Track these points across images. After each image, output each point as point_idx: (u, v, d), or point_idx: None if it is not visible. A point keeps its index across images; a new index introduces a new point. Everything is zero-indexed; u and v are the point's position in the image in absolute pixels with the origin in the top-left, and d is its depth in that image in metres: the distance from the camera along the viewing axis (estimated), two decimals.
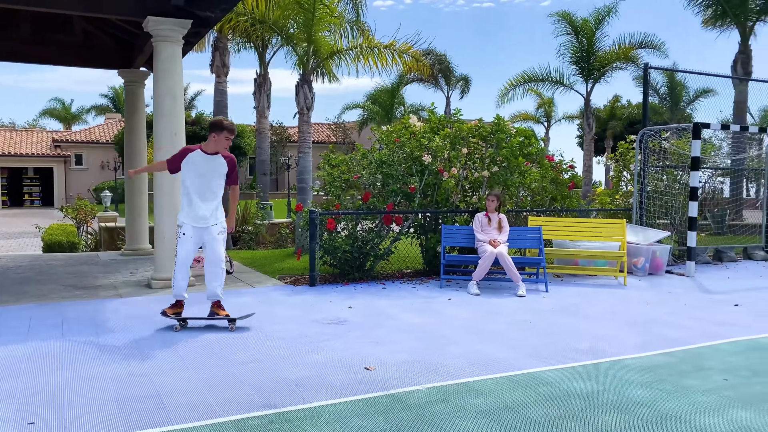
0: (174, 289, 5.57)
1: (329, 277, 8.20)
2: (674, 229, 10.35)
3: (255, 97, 15.02)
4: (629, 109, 40.01)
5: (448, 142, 8.52)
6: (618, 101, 40.13)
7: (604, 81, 21.22)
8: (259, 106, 14.95)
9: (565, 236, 8.87)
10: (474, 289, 7.40)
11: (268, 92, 14.96)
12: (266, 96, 14.83)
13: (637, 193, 10.08)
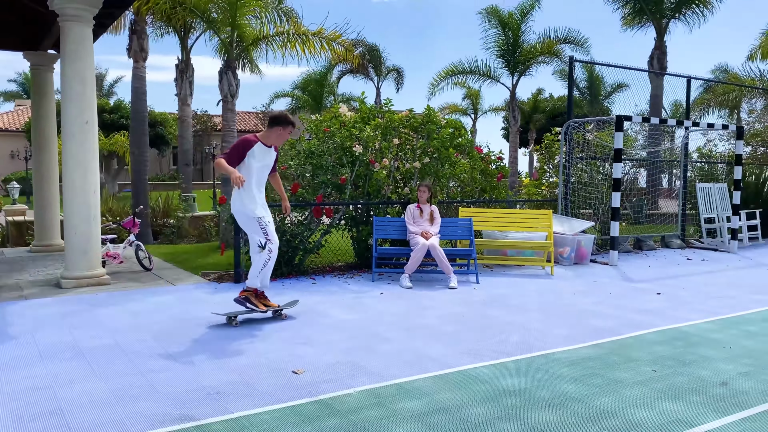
0: (266, 281, 5.51)
1: None
2: (597, 219, 10.60)
3: (177, 84, 14.29)
4: (552, 102, 41.14)
5: (379, 132, 8.32)
6: (540, 94, 41.19)
7: (529, 74, 21.68)
8: (181, 93, 14.24)
9: (494, 227, 8.88)
10: (406, 282, 7.27)
11: (191, 79, 14.27)
12: (189, 83, 14.15)
13: (562, 184, 10.24)
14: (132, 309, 6.00)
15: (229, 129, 10.06)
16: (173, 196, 13.04)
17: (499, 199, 9.39)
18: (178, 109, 14.51)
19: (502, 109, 35.32)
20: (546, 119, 38.60)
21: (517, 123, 21.58)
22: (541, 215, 8.99)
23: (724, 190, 12.22)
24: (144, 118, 10.86)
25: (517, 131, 21.58)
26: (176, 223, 11.92)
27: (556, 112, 41.45)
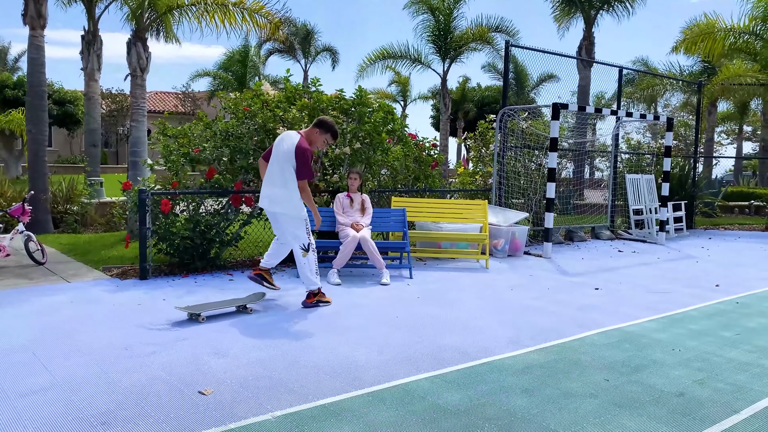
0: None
1: (165, 267, 7.05)
2: (531, 210, 10.38)
3: (83, 57, 12.93)
4: (479, 92, 41.46)
5: (306, 114, 7.65)
6: (468, 82, 41.42)
7: (460, 61, 21.41)
8: (87, 67, 12.91)
9: (428, 218, 8.43)
10: (334, 278, 6.68)
11: (99, 52, 12.97)
12: (96, 56, 12.85)
13: (497, 174, 9.93)
14: (11, 312, 5.12)
15: (138, 107, 9.07)
16: (79, 180, 11.83)
17: (434, 188, 8.95)
18: (85, 85, 13.16)
19: (431, 97, 35.16)
20: (475, 108, 38.82)
21: (447, 110, 21.31)
22: (476, 206, 8.62)
23: (651, 181, 12.33)
24: (42, 93, 9.67)
25: (448, 119, 21.31)
26: (79, 210, 10.79)
27: (484, 101, 41.91)
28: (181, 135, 7.15)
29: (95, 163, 13.16)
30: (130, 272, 6.84)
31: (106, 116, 29.72)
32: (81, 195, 11.28)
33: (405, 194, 8.90)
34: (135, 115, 9.05)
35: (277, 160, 5.22)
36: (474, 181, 10.25)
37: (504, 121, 9.94)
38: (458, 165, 10.22)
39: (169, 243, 6.74)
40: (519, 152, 10.34)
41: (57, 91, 25.65)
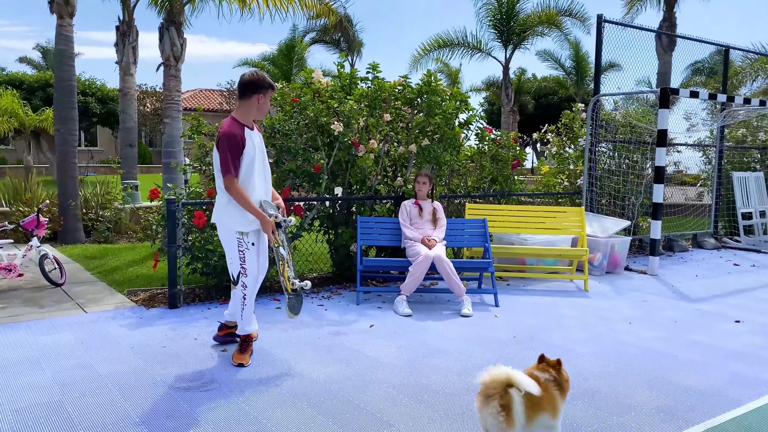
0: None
1: (200, 291, 5.99)
2: (628, 216, 8.94)
3: (117, 50, 12.12)
4: (536, 83, 39.68)
5: (365, 105, 6.46)
6: (523, 74, 39.66)
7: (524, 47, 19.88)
8: (122, 61, 12.09)
9: (509, 228, 7.15)
10: (404, 308, 5.48)
11: (134, 44, 12.11)
12: (131, 48, 12.00)
13: (587, 173, 8.54)
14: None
15: (172, 101, 8.10)
16: (115, 182, 11.01)
17: (514, 193, 7.64)
18: (120, 80, 12.34)
19: (485, 89, 33.56)
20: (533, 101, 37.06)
21: (510, 102, 19.83)
22: (569, 213, 7.28)
23: (761, 180, 10.67)
24: (71, 89, 8.82)
25: (511, 112, 19.82)
26: (113, 217, 9.93)
27: (541, 93, 40.09)
28: None
29: (131, 165, 12.35)
30: (158, 297, 5.81)
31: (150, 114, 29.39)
32: (115, 200, 10.43)
33: (480, 200, 7.63)
34: (168, 110, 8.08)
35: (215, 161, 4.05)
36: (560, 183, 8.87)
37: (596, 110, 8.53)
38: (540, 164, 8.88)
39: (204, 262, 5.67)
40: (613, 147, 8.92)
41: (99, 89, 25.31)
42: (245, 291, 4.10)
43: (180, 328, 4.90)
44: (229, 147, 3.85)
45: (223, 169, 3.88)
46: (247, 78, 3.96)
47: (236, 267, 4.08)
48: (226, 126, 3.91)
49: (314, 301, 5.86)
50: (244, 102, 3.98)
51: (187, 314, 5.32)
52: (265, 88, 3.98)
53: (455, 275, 5.63)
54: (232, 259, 4.07)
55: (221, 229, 4.08)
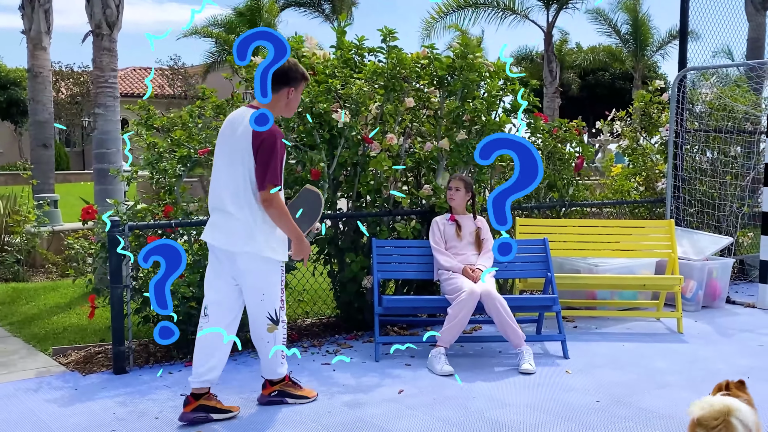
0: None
1: (156, 348, 5.76)
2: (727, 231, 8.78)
3: (23, 14, 11.80)
4: (580, 54, 39.85)
5: (378, 87, 6.30)
6: (565, 43, 39.84)
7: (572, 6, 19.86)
8: (31, 29, 11.81)
9: (573, 251, 6.99)
10: (443, 365, 5.28)
11: (47, 5, 11.84)
12: (43, 13, 11.74)
13: (672, 174, 8.38)
14: None
15: (106, 84, 7.81)
16: (25, 196, 10.76)
17: (583, 202, 7.49)
18: (28, 56, 12.06)
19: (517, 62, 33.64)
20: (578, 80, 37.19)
21: (555, 80, 19.80)
22: (655, 229, 7.13)
23: None
24: None
25: (556, 92, 19.77)
26: (23, 245, 9.68)
27: (588, 68, 40.25)
28: (177, 126, 5.86)
29: (46, 173, 12.10)
30: (98, 358, 5.58)
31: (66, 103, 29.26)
32: (26, 221, 10.19)
33: (533, 212, 7.47)
34: (101, 96, 7.84)
35: (225, 159, 4.30)
36: (635, 188, 8.73)
37: (683, 90, 8.39)
38: (609, 160, 8.74)
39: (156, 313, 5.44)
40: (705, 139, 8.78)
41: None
42: (285, 326, 4.59)
43: (133, 402, 4.66)
44: (280, 150, 4.15)
45: (266, 177, 4.10)
46: (291, 65, 4.28)
47: (274, 303, 4.40)
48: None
49: (316, 359, 5.64)
50: (282, 92, 4.30)
51: (141, 381, 5.08)
52: (296, 81, 4.31)
53: (512, 319, 5.42)
54: (269, 295, 4.37)
55: (251, 258, 4.25)
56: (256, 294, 4.36)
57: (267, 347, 4.51)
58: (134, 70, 39.29)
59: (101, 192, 7.85)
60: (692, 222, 8.72)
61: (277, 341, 4.50)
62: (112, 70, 7.98)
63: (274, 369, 4.59)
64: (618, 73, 39.92)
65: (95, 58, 7.99)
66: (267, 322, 4.42)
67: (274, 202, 4.13)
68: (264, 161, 4.10)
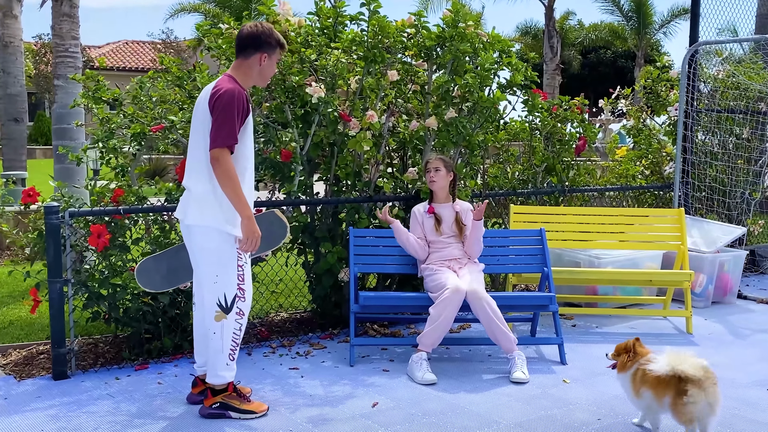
0: None
1: (105, 347, 5.17)
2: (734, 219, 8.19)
3: None
4: (582, 32, 39.07)
5: (356, 56, 5.66)
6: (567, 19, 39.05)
7: None
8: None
9: (573, 242, 6.39)
10: (424, 372, 4.70)
11: None
12: None
13: (680, 157, 7.76)
14: None
15: (67, 53, 7.13)
16: None
17: (585, 187, 6.88)
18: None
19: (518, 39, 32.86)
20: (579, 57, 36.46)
21: (556, 56, 19.12)
22: (663, 218, 6.53)
23: None
24: None
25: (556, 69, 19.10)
26: None
27: (590, 46, 39.49)
28: (128, 100, 5.22)
29: (16, 149, 11.49)
30: (41, 359, 5.00)
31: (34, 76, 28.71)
32: None
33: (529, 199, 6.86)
34: (61, 67, 7.20)
35: (194, 131, 4.02)
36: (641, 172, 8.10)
37: (694, 66, 7.74)
38: (613, 141, 8.10)
39: (111, 305, 4.86)
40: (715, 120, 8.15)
41: None
42: (241, 321, 4.04)
43: (67, 416, 4.07)
44: (236, 107, 3.79)
45: (218, 135, 3.76)
46: (247, 31, 3.99)
47: (231, 287, 3.96)
48: (227, 83, 3.86)
49: (284, 361, 5.04)
50: (242, 61, 4.01)
51: (82, 389, 4.48)
52: (270, 46, 4.01)
53: (502, 322, 4.83)
54: (223, 277, 3.94)
55: (204, 232, 3.93)
56: (209, 274, 3.96)
57: (212, 339, 4.01)
58: (126, 43, 38.53)
59: (61, 171, 7.25)
60: (701, 209, 8.13)
61: (224, 336, 4.00)
62: (73, 38, 7.34)
63: (216, 371, 4.05)
64: (620, 52, 39.25)
65: (54, 24, 7.34)
66: (215, 309, 3.95)
67: (221, 161, 3.76)
68: (218, 119, 3.78)
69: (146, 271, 4.34)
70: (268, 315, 6.16)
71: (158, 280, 4.39)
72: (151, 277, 4.36)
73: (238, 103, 3.80)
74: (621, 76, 37.52)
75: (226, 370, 4.05)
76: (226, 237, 3.91)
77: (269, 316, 6.13)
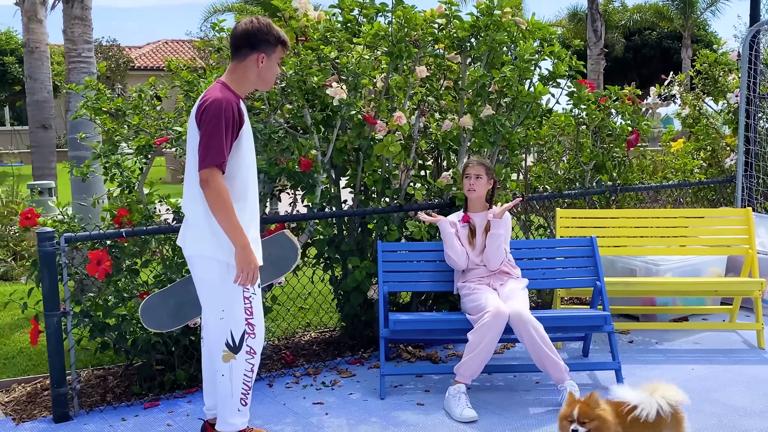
0: None
1: (113, 381, 4.72)
2: None
3: None
4: (626, 13, 37.87)
5: (381, 52, 5.11)
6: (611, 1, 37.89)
7: None
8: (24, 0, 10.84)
9: (625, 249, 5.75)
10: (462, 408, 4.15)
11: None
12: None
13: (743, 148, 7.06)
14: None
15: (79, 58, 6.56)
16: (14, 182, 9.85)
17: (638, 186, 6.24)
18: (23, 30, 11.12)
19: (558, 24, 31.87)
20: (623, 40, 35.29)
21: (600, 40, 18.26)
22: (726, 218, 5.86)
23: None
24: None
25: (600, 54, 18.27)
26: (10, 239, 8.78)
27: (634, 28, 38.26)
28: (131, 109, 4.73)
29: (46, 155, 11.20)
30: (44, 397, 4.57)
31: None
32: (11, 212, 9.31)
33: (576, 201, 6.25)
34: (73, 73, 6.77)
35: (188, 148, 3.56)
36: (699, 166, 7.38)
37: (756, 47, 7.02)
38: (667, 134, 7.41)
39: (119, 336, 4.41)
40: None
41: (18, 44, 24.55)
42: (252, 360, 3.56)
43: None
44: (225, 120, 3.30)
45: (206, 154, 3.30)
46: (241, 28, 3.49)
47: (238, 324, 3.49)
48: (215, 92, 3.38)
49: (308, 394, 4.53)
50: (237, 64, 3.53)
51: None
52: (269, 44, 3.50)
53: (550, 348, 4.24)
54: (229, 312, 3.48)
55: (203, 263, 3.49)
56: (214, 310, 3.51)
57: (221, 382, 3.53)
58: (166, 43, 38.45)
59: (77, 183, 6.84)
60: (765, 204, 7.41)
61: (234, 378, 3.53)
62: (86, 42, 6.91)
63: (226, 418, 3.58)
64: (665, 33, 37.92)
65: (65, 28, 6.93)
66: (223, 348, 3.47)
67: (211, 183, 3.29)
68: (204, 135, 3.32)
69: (152, 308, 3.87)
70: (294, 335, 5.67)
71: (165, 319, 3.90)
72: (157, 315, 3.88)
73: (227, 115, 3.31)
74: (667, 58, 36.28)
75: (238, 416, 3.56)
76: (227, 267, 3.42)
77: (296, 337, 5.64)
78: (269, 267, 3.85)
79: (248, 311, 3.48)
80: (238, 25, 3.51)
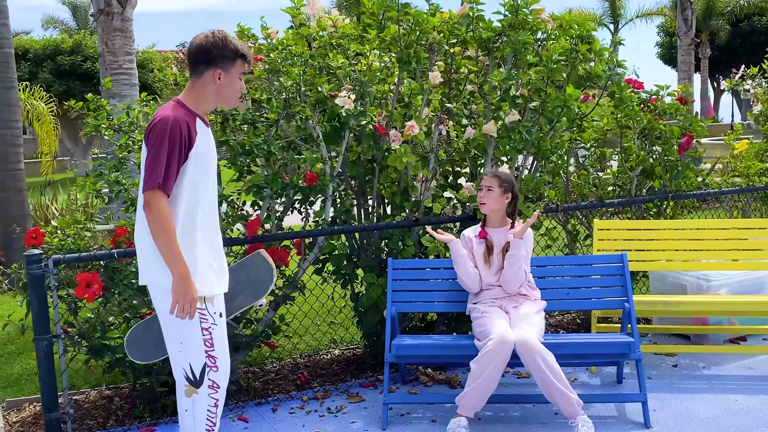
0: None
1: (122, 402, 4.62)
2: None
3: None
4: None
5: (392, 56, 4.81)
6: None
7: None
8: None
9: (677, 264, 5.21)
10: None
11: None
12: None
13: None
14: None
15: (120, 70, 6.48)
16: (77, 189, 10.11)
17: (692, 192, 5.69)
18: None
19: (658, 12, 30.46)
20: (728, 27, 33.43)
21: (690, 30, 17.20)
22: None
23: None
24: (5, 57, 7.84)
25: (691, 45, 17.24)
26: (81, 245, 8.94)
27: (740, 14, 36.22)
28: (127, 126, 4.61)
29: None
30: None
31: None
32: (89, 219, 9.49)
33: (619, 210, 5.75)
34: (115, 85, 6.81)
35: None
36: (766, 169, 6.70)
37: None
38: (733, 136, 6.74)
39: (113, 355, 4.30)
40: None
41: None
42: (216, 395, 3.30)
43: None
44: (170, 140, 3.09)
45: (150, 175, 3.09)
46: (195, 44, 3.27)
47: (197, 357, 3.24)
48: (166, 110, 3.19)
49: (309, 422, 4.29)
50: (195, 81, 3.30)
51: None
52: (225, 59, 3.25)
53: (559, 379, 3.84)
54: (188, 343, 3.23)
55: (156, 292, 3.27)
56: (173, 342, 3.28)
57: (184, 419, 3.31)
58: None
59: None
60: None
61: (197, 414, 3.28)
62: (127, 53, 6.92)
63: None
64: None
65: (106, 40, 6.94)
66: (184, 383, 3.26)
67: (152, 206, 3.07)
68: (148, 155, 3.11)
69: (137, 340, 3.69)
70: (318, 353, 5.44)
71: (151, 349, 3.71)
72: (142, 346, 3.70)
73: (173, 134, 3.08)
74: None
75: None
76: (166, 288, 3.18)
77: (319, 355, 5.41)
78: (247, 289, 3.62)
79: (208, 343, 3.23)
80: (194, 39, 3.28)
